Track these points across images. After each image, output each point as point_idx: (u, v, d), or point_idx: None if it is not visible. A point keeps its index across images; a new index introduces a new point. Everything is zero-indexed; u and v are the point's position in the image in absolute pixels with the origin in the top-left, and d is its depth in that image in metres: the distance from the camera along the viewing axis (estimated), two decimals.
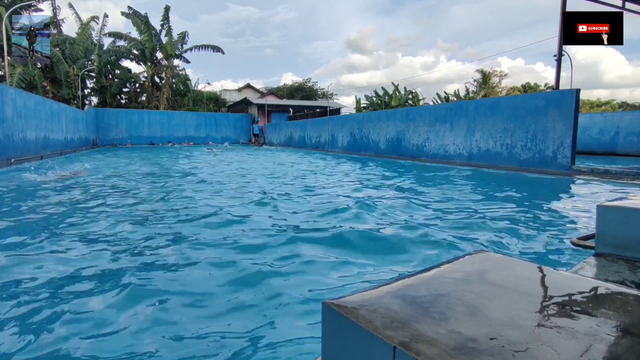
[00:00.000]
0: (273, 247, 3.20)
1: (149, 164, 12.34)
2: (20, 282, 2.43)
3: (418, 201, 5.35)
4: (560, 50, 9.11)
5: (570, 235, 3.53)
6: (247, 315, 2.05)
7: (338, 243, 3.31)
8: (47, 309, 2.06)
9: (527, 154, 9.41)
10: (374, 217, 4.30)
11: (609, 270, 1.46)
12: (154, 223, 4.06)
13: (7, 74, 19.49)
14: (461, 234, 3.61)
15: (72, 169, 8.89)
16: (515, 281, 0.78)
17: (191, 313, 2.07)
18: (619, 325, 0.62)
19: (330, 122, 20.47)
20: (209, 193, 6.13)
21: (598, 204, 1.63)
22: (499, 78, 38.29)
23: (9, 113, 11.11)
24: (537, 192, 6.54)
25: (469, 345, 0.54)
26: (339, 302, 0.66)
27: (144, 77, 32.79)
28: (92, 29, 29.53)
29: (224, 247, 3.19)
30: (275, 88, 49.11)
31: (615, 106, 37.85)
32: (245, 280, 2.49)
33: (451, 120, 11.95)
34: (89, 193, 6.04)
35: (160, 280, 2.49)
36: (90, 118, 24.76)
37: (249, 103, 35.58)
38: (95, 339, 1.81)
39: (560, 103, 8.56)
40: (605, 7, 9.72)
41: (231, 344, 1.78)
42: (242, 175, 8.98)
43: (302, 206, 4.98)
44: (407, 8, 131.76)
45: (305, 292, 2.32)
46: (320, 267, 2.74)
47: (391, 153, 14.99)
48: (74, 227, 3.82)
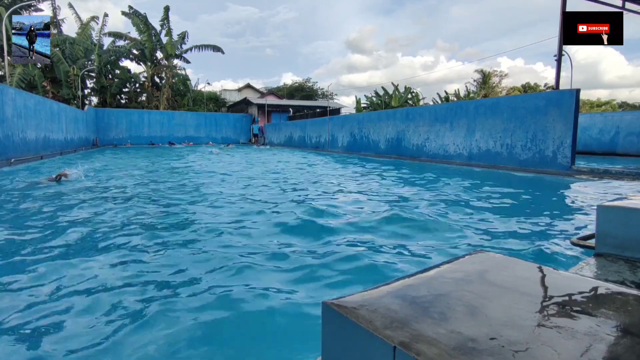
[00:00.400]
0: (273, 247, 3.21)
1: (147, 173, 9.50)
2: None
3: (416, 199, 5.35)
4: (560, 50, 9.11)
5: (570, 235, 3.53)
6: (247, 315, 2.05)
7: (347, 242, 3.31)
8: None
9: (527, 154, 9.41)
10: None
11: (609, 270, 1.46)
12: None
13: (7, 74, 19.49)
14: (461, 234, 3.60)
15: (58, 172, 7.53)
16: (515, 281, 0.78)
17: (190, 313, 2.07)
18: (619, 325, 0.62)
19: (330, 122, 20.47)
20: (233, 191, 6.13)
21: (598, 204, 1.63)
22: (499, 78, 38.32)
23: (9, 113, 11.11)
24: (537, 192, 6.54)
25: (469, 345, 0.54)
26: (339, 302, 0.66)
27: (144, 77, 32.80)
28: (92, 29, 29.54)
29: (225, 247, 3.19)
30: (275, 88, 49.09)
31: (615, 106, 37.86)
32: (245, 281, 2.49)
33: (451, 120, 11.95)
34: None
35: (159, 279, 2.49)
36: (90, 118, 24.77)
37: (249, 103, 35.58)
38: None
39: (560, 103, 8.56)
40: (605, 7, 9.73)
41: (231, 344, 1.78)
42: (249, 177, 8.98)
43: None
44: (407, 8, 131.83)
45: (305, 292, 2.32)
46: (321, 267, 2.74)
47: (391, 153, 14.99)
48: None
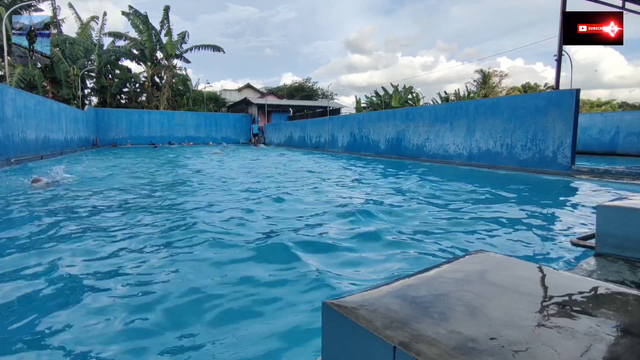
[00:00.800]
0: (273, 246, 3.21)
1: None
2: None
3: (417, 199, 5.35)
4: (560, 50, 9.11)
5: (570, 235, 3.53)
6: (247, 314, 2.05)
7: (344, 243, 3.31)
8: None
9: (527, 154, 9.41)
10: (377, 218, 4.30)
11: (609, 270, 1.46)
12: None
13: (7, 74, 19.49)
14: (461, 234, 3.61)
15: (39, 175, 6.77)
16: (515, 281, 0.78)
17: (189, 314, 2.07)
18: (619, 325, 0.62)
19: (330, 122, 20.47)
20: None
21: (598, 204, 1.63)
22: (499, 78, 38.33)
23: (9, 113, 11.11)
24: (537, 192, 6.54)
25: (469, 345, 0.54)
26: (339, 302, 0.66)
27: (144, 77, 32.80)
28: (92, 29, 29.55)
29: (225, 247, 3.19)
30: (275, 88, 49.10)
31: (615, 106, 37.87)
32: (244, 280, 2.49)
33: (451, 120, 11.95)
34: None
35: (158, 279, 2.49)
36: (90, 118, 24.76)
37: (249, 103, 35.58)
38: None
39: (560, 103, 8.56)
40: (605, 7, 9.72)
41: (231, 344, 1.78)
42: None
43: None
44: (407, 8, 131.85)
45: (305, 292, 2.32)
46: (321, 267, 2.74)
47: (391, 153, 15.00)
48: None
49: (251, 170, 9.98)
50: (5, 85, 11.35)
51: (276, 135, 29.60)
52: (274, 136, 29.98)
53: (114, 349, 1.72)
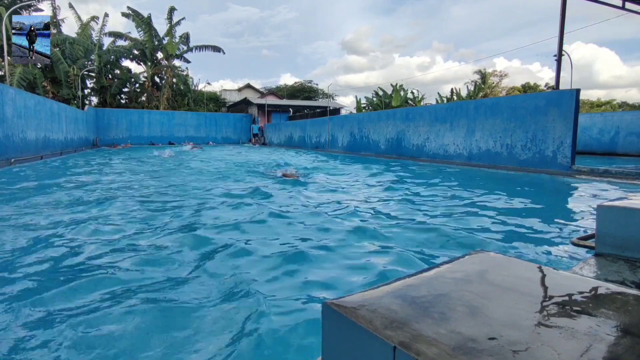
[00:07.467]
0: (273, 246, 3.21)
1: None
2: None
3: (416, 199, 5.35)
4: (560, 50, 9.11)
5: (571, 235, 3.53)
6: (247, 315, 2.05)
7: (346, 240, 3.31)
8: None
9: (527, 154, 9.41)
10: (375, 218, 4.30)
11: (609, 270, 1.46)
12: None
13: (7, 74, 19.48)
14: (461, 234, 3.60)
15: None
16: (515, 281, 0.78)
17: (189, 314, 2.07)
18: (619, 325, 0.62)
19: (330, 122, 20.47)
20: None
21: (598, 204, 1.62)
22: (498, 78, 38.33)
23: (9, 113, 11.11)
24: (537, 192, 6.53)
25: (469, 345, 0.54)
26: (339, 302, 0.65)
27: (144, 77, 32.81)
28: (92, 29, 29.55)
29: (226, 246, 3.19)
30: (275, 88, 49.10)
31: (616, 106, 37.87)
32: (244, 280, 2.49)
33: (451, 121, 11.95)
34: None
35: (157, 280, 2.49)
36: (90, 118, 24.77)
37: (249, 103, 35.58)
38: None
39: (560, 103, 8.56)
40: (606, 7, 9.73)
41: (231, 345, 1.78)
42: None
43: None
44: (407, 8, 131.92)
45: (305, 292, 2.32)
46: (321, 267, 2.74)
47: (391, 153, 15.00)
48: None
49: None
50: (5, 85, 11.35)
51: (276, 135, 29.59)
52: (274, 136, 29.97)
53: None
